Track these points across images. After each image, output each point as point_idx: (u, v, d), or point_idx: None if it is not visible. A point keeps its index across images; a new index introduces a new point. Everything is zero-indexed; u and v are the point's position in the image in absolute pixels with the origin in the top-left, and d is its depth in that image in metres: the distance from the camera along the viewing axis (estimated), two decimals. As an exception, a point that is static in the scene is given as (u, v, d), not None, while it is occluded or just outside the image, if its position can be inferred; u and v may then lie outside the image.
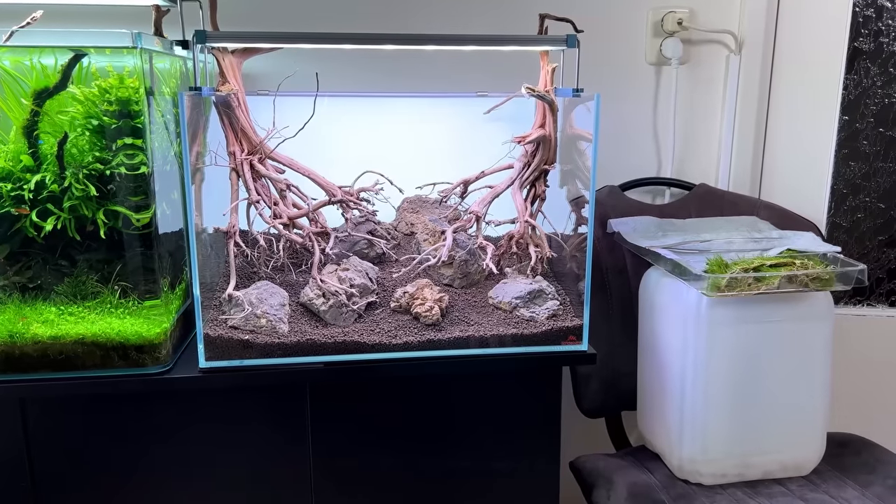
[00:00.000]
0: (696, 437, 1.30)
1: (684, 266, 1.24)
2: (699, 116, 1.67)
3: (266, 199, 1.17)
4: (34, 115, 1.07)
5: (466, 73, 1.53)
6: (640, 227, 1.46)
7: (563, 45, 1.14)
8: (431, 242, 1.30)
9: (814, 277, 1.21)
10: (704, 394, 1.27)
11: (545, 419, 1.20)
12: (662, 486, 1.32)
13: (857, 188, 1.73)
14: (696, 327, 1.25)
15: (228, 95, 1.12)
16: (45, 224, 1.06)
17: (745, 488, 1.31)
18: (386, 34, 1.13)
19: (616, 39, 1.61)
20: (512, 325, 1.15)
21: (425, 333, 1.13)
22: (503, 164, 1.28)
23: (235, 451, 1.14)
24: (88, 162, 1.07)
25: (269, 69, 1.42)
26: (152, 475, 1.13)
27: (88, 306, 1.09)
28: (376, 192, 1.24)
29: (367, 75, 1.53)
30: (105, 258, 1.09)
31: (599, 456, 1.45)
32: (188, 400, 1.11)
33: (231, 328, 1.10)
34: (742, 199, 1.61)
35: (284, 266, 1.25)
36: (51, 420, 1.10)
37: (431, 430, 1.18)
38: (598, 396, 1.50)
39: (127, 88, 1.04)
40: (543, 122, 1.22)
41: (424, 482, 1.20)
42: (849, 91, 1.68)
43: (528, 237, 1.24)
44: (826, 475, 1.36)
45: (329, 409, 1.14)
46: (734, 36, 1.62)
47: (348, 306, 1.14)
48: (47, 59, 1.06)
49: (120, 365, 1.07)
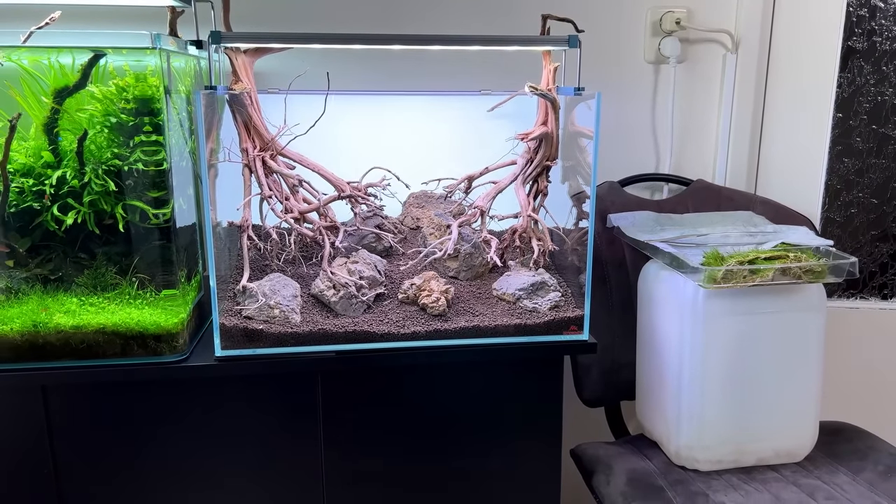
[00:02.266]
0: (693, 425, 1.34)
1: (682, 259, 1.28)
2: (696, 114, 1.71)
3: (278, 194, 1.21)
4: (54, 112, 1.11)
5: (470, 73, 1.57)
6: (639, 222, 1.50)
7: (565, 45, 1.18)
8: (437, 236, 1.34)
9: (806, 270, 1.25)
10: (701, 383, 1.32)
11: (547, 407, 1.24)
12: (660, 473, 1.36)
13: (851, 184, 1.77)
14: (693, 318, 1.30)
15: (241, 94, 1.16)
16: (65, 218, 1.10)
17: (741, 474, 1.36)
18: (393, 35, 1.17)
19: (615, 38, 1.64)
20: (515, 316, 1.20)
21: (432, 323, 1.17)
22: (506, 160, 1.32)
23: (249, 436, 1.18)
24: (107, 158, 1.10)
25: (278, 68, 1.46)
26: (169, 460, 1.17)
27: (108, 297, 1.13)
28: (383, 187, 1.28)
29: (374, 74, 1.57)
30: (123, 251, 1.13)
31: (599, 444, 1.50)
32: (204, 387, 1.15)
33: (245, 318, 1.14)
34: (738, 195, 1.65)
35: (295, 259, 1.29)
36: (72, 406, 1.13)
37: (436, 416, 1.22)
38: (598, 386, 1.54)
39: (150, 87, 1.08)
40: (546, 119, 1.26)
41: (429, 466, 1.24)
42: (843, 89, 1.71)
43: (531, 231, 1.28)
44: (818, 461, 1.40)
45: (339, 396, 1.18)
46: (731, 35, 1.66)
47: (358, 297, 1.18)
48: (65, 59, 1.09)
49: (139, 354, 1.11)
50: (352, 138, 1.38)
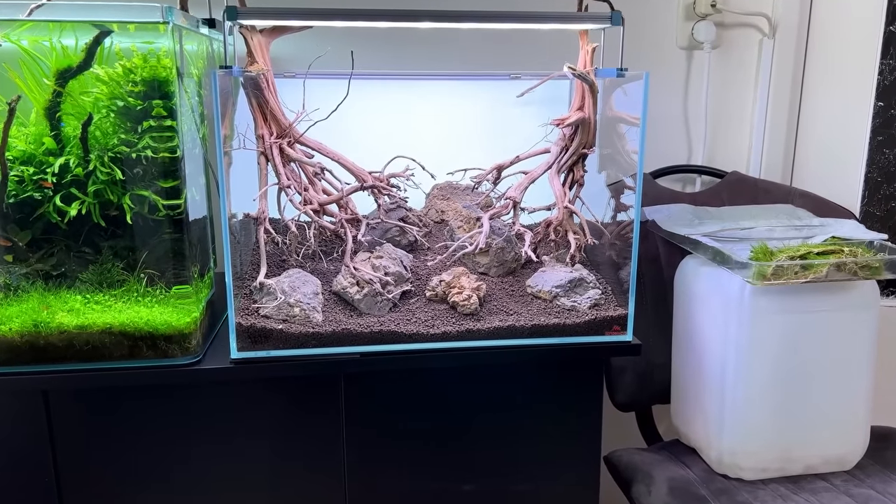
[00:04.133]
0: (737, 430, 1.26)
1: (727, 254, 1.20)
2: (731, 102, 1.63)
3: (296, 184, 1.13)
4: (56, 95, 1.03)
5: (498, 56, 1.49)
6: (675, 215, 1.42)
7: (607, 23, 1.09)
8: (465, 230, 1.26)
9: (863, 265, 1.17)
10: (745, 385, 1.24)
11: (586, 411, 1.17)
12: (702, 481, 1.28)
13: (892, 176, 1.69)
14: (739, 317, 1.21)
15: (258, 75, 1.07)
16: (69, 209, 1.02)
17: (788, 483, 1.27)
18: (421, 10, 1.09)
19: (647, 23, 1.57)
20: (553, 315, 1.11)
21: (464, 323, 1.09)
22: (537, 148, 1.24)
23: (267, 444, 1.10)
24: (113, 145, 1.02)
25: (295, 52, 1.37)
26: (181, 471, 1.09)
27: (115, 294, 1.05)
28: (407, 177, 1.20)
29: (397, 57, 1.49)
30: (131, 245, 1.05)
31: (634, 450, 1.42)
32: (218, 392, 1.08)
33: (263, 317, 1.06)
34: (775, 187, 1.57)
35: (315, 254, 1.20)
36: (75, 412, 1.06)
37: (466, 422, 1.15)
38: (631, 389, 1.46)
39: (162, 68, 1.00)
40: (582, 104, 1.18)
41: (461, 474, 1.16)
42: (884, 76, 1.63)
43: (567, 224, 1.20)
44: (869, 469, 1.32)
45: (364, 401, 1.11)
46: (768, 19, 1.58)
47: (383, 295, 1.10)
48: (68, 40, 1.01)
49: (148, 356, 1.03)
50: (373, 125, 1.30)
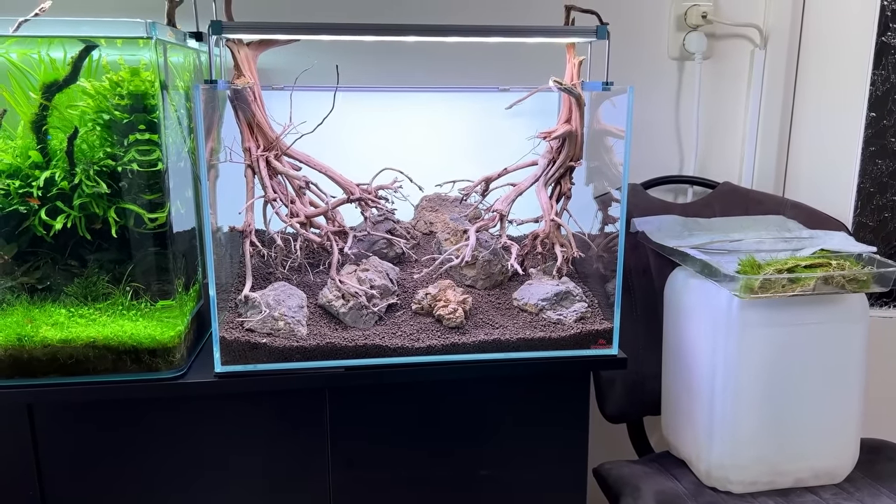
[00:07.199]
0: (726, 443, 1.25)
1: (715, 266, 1.20)
2: (723, 113, 1.63)
3: (283, 196, 1.13)
4: (43, 109, 1.03)
5: (486, 69, 1.49)
6: (666, 227, 1.41)
7: (592, 37, 1.09)
8: (452, 242, 1.25)
9: (850, 279, 1.17)
10: (734, 398, 1.23)
11: (572, 425, 1.16)
12: (690, 495, 1.28)
13: (885, 186, 1.69)
14: (727, 330, 1.21)
15: (244, 89, 1.08)
16: (54, 222, 1.02)
17: (777, 497, 1.27)
18: (408, 24, 1.09)
19: (638, 33, 1.57)
20: (539, 329, 1.11)
21: (449, 337, 1.09)
22: (525, 160, 1.24)
23: (252, 458, 1.10)
24: (99, 158, 1.03)
25: (282, 65, 1.37)
26: (166, 485, 1.09)
27: (100, 308, 1.04)
28: (395, 189, 1.20)
29: (385, 70, 1.49)
30: (116, 258, 1.05)
31: (623, 463, 1.41)
32: (203, 406, 1.07)
33: (247, 331, 1.06)
34: (767, 198, 1.57)
35: (301, 267, 1.20)
36: (60, 426, 1.06)
37: (454, 436, 1.14)
38: (622, 401, 1.45)
39: (143, 81, 1.00)
40: (569, 117, 1.18)
41: (447, 489, 1.16)
42: (876, 87, 1.63)
43: (554, 236, 1.20)
44: (859, 483, 1.32)
45: (349, 415, 1.10)
46: (759, 30, 1.58)
47: (368, 308, 1.10)
48: (56, 53, 1.02)
49: (132, 369, 1.03)
50: (361, 138, 1.30)
